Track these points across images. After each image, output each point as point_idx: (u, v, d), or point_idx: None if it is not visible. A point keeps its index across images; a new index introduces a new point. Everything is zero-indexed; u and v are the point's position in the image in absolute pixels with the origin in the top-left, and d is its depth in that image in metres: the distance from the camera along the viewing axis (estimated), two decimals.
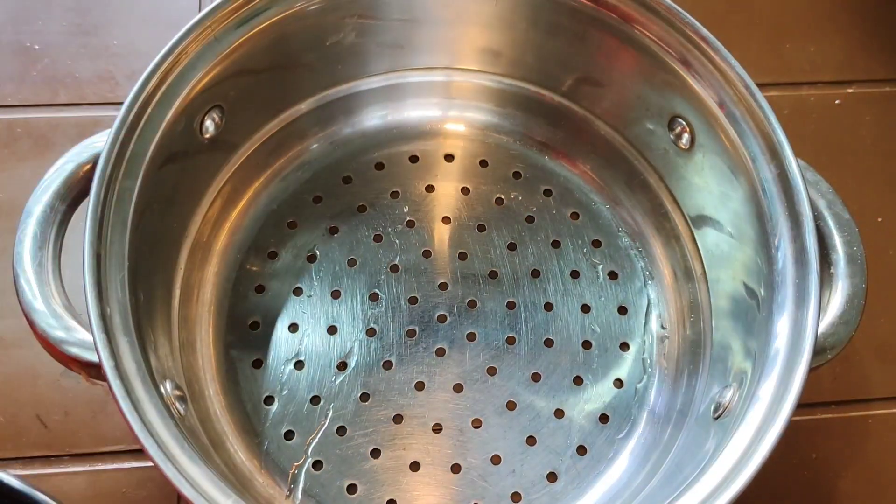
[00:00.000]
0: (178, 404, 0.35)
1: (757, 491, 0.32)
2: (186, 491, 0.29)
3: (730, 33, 0.39)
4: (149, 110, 0.36)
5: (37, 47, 0.53)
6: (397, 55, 0.46)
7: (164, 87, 0.36)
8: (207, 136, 0.41)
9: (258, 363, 0.43)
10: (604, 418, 0.43)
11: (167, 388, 0.35)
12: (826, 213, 0.39)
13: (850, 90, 0.54)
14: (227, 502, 0.30)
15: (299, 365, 0.43)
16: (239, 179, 0.45)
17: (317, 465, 0.41)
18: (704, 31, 0.38)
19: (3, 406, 0.44)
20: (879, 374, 0.47)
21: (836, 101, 0.54)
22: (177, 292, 0.42)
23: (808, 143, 0.53)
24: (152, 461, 0.30)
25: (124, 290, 0.33)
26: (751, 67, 0.38)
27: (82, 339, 0.33)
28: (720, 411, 0.37)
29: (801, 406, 0.33)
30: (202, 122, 0.40)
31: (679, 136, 0.42)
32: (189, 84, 0.37)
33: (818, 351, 0.35)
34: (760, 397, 0.33)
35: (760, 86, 0.38)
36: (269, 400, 0.42)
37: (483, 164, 0.49)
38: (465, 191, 0.48)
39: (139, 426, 0.30)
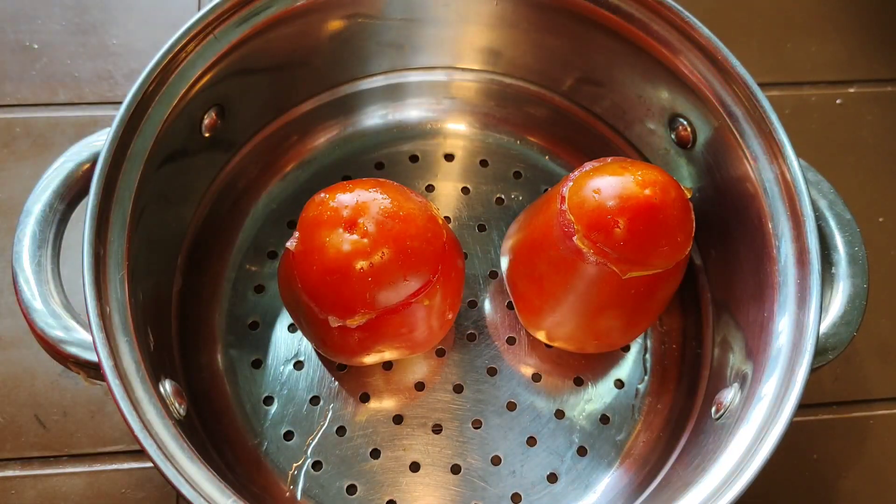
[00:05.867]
0: (176, 404, 0.35)
1: (757, 491, 0.32)
2: (186, 491, 0.29)
3: (731, 32, 0.39)
4: (149, 110, 0.36)
5: (36, 46, 0.53)
6: (398, 55, 0.46)
7: (164, 87, 0.36)
8: (207, 135, 0.40)
9: (258, 363, 0.43)
10: (604, 419, 0.43)
11: (166, 387, 0.35)
12: (827, 214, 0.39)
13: (851, 90, 0.54)
14: (226, 502, 0.30)
15: (299, 365, 0.43)
16: (238, 178, 0.45)
17: (316, 465, 0.41)
18: (706, 31, 0.38)
19: (2, 406, 0.43)
20: (881, 374, 0.47)
21: (838, 101, 0.54)
22: (175, 293, 0.42)
23: (809, 142, 0.52)
24: (152, 461, 0.29)
25: (123, 289, 0.33)
26: (752, 67, 0.38)
27: (81, 338, 0.33)
28: (721, 412, 0.37)
29: (803, 407, 0.33)
30: (202, 121, 0.40)
31: (680, 136, 0.42)
32: (189, 83, 0.37)
33: (819, 351, 0.35)
34: (762, 398, 0.33)
35: (762, 85, 0.38)
36: (268, 400, 0.42)
37: (483, 163, 0.49)
38: (465, 190, 0.48)
39: (138, 426, 0.30)
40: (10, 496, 0.41)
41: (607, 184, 0.37)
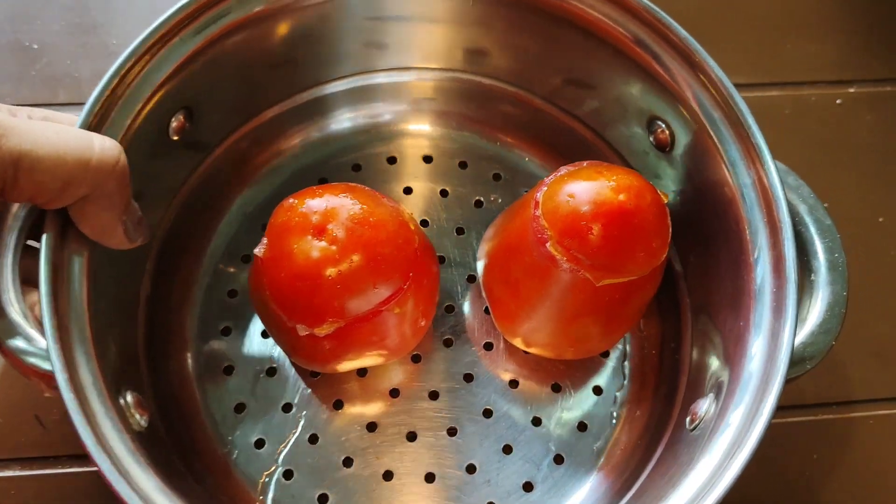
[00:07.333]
0: (137, 416, 0.34)
1: (758, 491, 0.31)
2: None
3: (730, 32, 0.38)
4: (112, 114, 0.35)
5: (35, 46, 0.52)
6: (374, 55, 0.45)
7: (128, 90, 0.35)
8: (176, 138, 0.40)
9: (229, 370, 0.42)
10: (582, 426, 0.42)
11: (127, 399, 0.34)
12: (807, 219, 0.38)
13: (850, 90, 0.54)
14: None
15: (272, 371, 0.42)
16: (211, 182, 0.44)
17: (287, 474, 0.40)
18: (682, 32, 0.37)
19: (2, 406, 0.43)
20: (879, 375, 0.47)
21: (837, 101, 0.53)
22: (144, 298, 0.41)
23: (808, 142, 0.51)
24: (104, 477, 0.29)
25: (82, 299, 0.32)
26: (751, 67, 0.37)
27: (43, 348, 0.32)
28: (696, 422, 0.36)
29: (802, 406, 0.32)
30: (169, 125, 0.39)
31: (658, 139, 0.41)
32: (154, 86, 0.36)
33: (796, 361, 0.34)
34: (735, 410, 0.33)
35: (761, 85, 0.37)
36: (239, 407, 0.41)
37: (462, 165, 0.48)
38: (443, 193, 0.47)
39: (91, 441, 0.29)
40: (10, 496, 0.41)
41: (581, 189, 0.36)
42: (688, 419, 0.37)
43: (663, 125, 0.40)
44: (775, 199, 0.35)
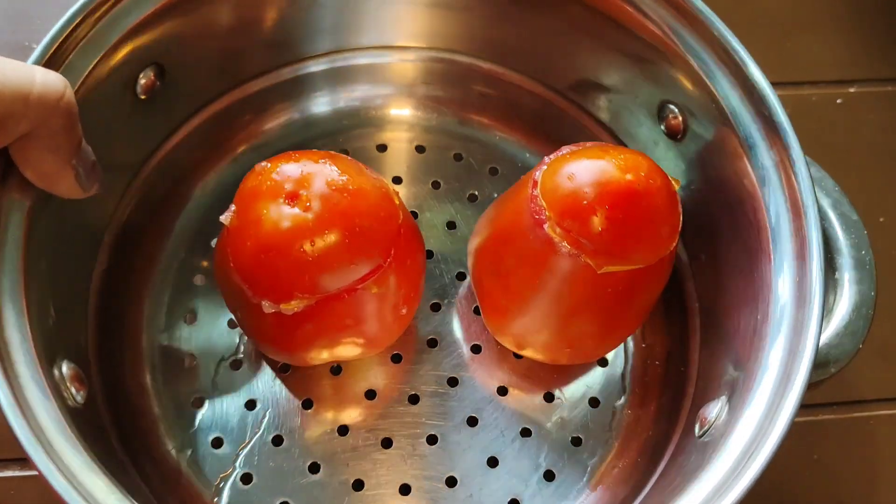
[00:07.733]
0: (73, 389, 0.30)
1: (755, 490, 0.28)
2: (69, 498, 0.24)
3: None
4: (69, 57, 0.32)
5: (35, 46, 0.50)
6: (374, 30, 0.42)
7: (92, 32, 0.32)
8: (144, 97, 0.36)
9: (190, 359, 0.38)
10: (576, 440, 0.38)
11: (63, 370, 0.30)
12: (831, 214, 0.35)
13: (851, 89, 0.52)
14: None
15: (236, 364, 0.38)
16: (184, 154, 0.41)
17: (246, 478, 0.36)
18: (698, 2, 0.34)
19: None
20: (881, 375, 0.45)
21: (838, 101, 0.52)
22: (100, 271, 0.37)
23: (809, 142, 0.49)
24: (22, 447, 0.25)
25: (18, 249, 0.29)
26: None
27: None
28: (706, 427, 0.32)
29: (802, 407, 0.29)
30: (137, 80, 0.36)
31: (669, 125, 0.38)
32: (122, 32, 0.33)
33: (820, 364, 0.31)
34: (751, 412, 0.29)
35: None
36: (198, 402, 0.38)
37: (457, 157, 0.45)
38: (435, 185, 0.44)
39: (9, 401, 0.25)
40: (9, 496, 0.38)
41: (585, 167, 0.33)
42: (697, 425, 0.33)
43: (675, 110, 0.37)
44: (799, 179, 0.31)
